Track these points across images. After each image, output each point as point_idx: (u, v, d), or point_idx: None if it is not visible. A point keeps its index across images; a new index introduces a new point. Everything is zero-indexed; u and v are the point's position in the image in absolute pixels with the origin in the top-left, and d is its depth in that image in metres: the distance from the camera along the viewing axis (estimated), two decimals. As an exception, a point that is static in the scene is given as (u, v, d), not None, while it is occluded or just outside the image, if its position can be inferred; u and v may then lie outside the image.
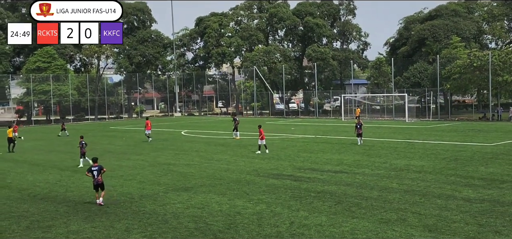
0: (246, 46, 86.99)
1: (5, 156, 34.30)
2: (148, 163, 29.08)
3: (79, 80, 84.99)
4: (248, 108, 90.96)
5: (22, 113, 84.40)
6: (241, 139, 40.70)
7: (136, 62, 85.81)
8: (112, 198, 19.43)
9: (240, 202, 18.40)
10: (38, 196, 20.35)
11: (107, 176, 24.73)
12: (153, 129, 57.45)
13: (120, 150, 36.50)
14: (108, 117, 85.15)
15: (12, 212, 17.74)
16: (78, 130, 60.39)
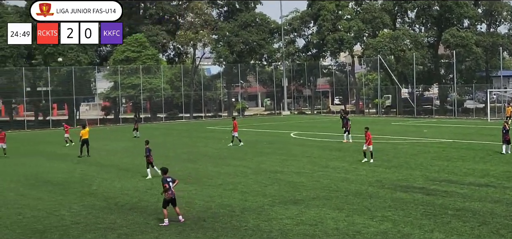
0: (369, 31, 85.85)
1: (90, 159, 36.30)
2: (252, 169, 29.52)
3: (172, 72, 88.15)
4: (370, 106, 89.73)
5: (108, 110, 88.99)
6: (353, 143, 40.20)
7: (237, 51, 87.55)
8: (209, 210, 19.93)
9: (361, 219, 18.18)
10: (126, 206, 21.35)
11: (204, 184, 25.43)
12: (258, 129, 58.34)
13: (219, 154, 37.39)
14: (204, 116, 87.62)
15: (98, 223, 18.75)
16: (170, 131, 62.68)
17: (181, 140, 49.71)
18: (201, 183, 25.88)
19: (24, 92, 75.53)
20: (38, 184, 27.09)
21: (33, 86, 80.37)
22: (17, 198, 23.38)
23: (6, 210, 21.02)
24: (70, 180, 27.75)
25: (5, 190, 25.49)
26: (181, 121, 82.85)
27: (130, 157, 37.11)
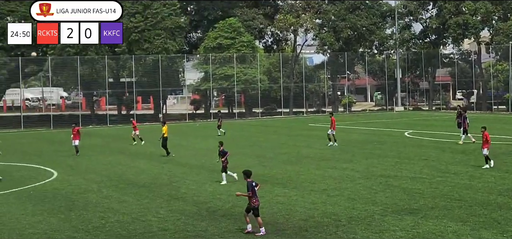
0: (499, 14, 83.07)
1: (179, 160, 37.14)
2: (360, 173, 29.32)
3: (270, 62, 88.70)
4: (500, 102, 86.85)
5: (198, 104, 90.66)
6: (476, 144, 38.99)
7: (344, 37, 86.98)
8: (312, 219, 19.96)
9: (488, 233, 17.69)
10: (219, 212, 21.70)
11: (306, 189, 25.47)
12: (367, 127, 57.77)
13: (322, 155, 37.34)
14: (306, 111, 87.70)
15: (187, 231, 19.17)
16: (267, 128, 63.12)
17: (280, 138, 50.00)
18: (302, 187, 25.95)
19: (107, 84, 78.17)
20: (123, 185, 28.01)
21: (116, 77, 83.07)
22: (100, 201, 24.27)
23: (87, 214, 21.86)
24: (157, 182, 28.53)
25: (87, 191, 26.52)
26: (279, 116, 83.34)
27: (222, 157, 37.69)
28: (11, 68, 76.49)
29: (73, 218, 21.22)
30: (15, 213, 22.13)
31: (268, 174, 29.85)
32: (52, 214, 21.94)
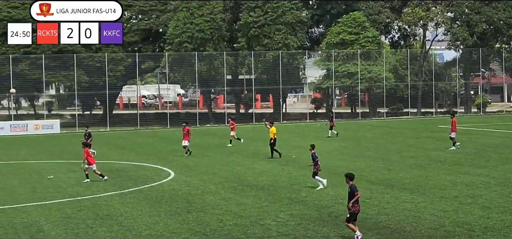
0: None
1: (298, 161, 37.28)
2: (495, 180, 28.47)
3: (396, 59, 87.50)
4: None
5: (319, 103, 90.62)
6: None
7: (478, 32, 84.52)
8: (442, 228, 19.57)
9: None
10: (341, 218, 21.58)
11: (435, 196, 24.99)
12: (504, 130, 55.95)
13: (454, 159, 36.51)
14: (435, 112, 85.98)
15: (308, 236, 19.22)
16: (393, 129, 62.34)
17: (407, 140, 49.28)
18: (431, 194, 25.48)
19: (225, 81, 79.42)
20: (241, 187, 28.41)
21: (235, 74, 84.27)
22: (218, 203, 24.73)
23: (205, 216, 22.32)
24: (276, 185, 28.78)
25: (205, 193, 27.09)
26: (406, 117, 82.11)
27: (346, 160, 37.54)
28: (128, 64, 79.18)
29: (191, 220, 21.72)
30: (132, 213, 22.90)
31: (394, 178, 29.51)
32: (169, 215, 22.55)
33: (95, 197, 26.69)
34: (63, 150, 49.54)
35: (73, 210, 23.69)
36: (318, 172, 27.84)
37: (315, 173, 27.79)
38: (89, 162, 30.88)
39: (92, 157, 31.66)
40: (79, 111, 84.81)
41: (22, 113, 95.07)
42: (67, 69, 76.86)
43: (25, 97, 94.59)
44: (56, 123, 73.12)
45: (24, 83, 76.59)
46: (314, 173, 27.82)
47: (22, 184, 30.87)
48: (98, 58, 77.43)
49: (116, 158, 42.45)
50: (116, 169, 35.92)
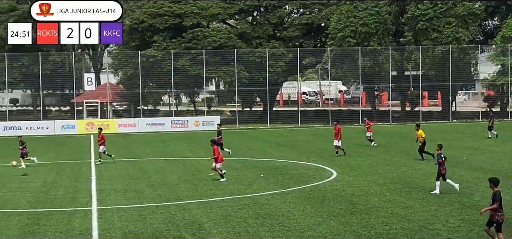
0: None
1: (473, 163, 36.24)
2: None
3: None
4: None
5: (493, 101, 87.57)
6: None
7: None
8: None
9: None
10: (519, 224, 20.84)
11: None
12: None
13: None
14: None
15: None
16: None
17: None
18: None
19: (390, 77, 78.57)
20: (407, 189, 28.00)
21: (400, 70, 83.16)
22: (383, 205, 24.48)
23: (369, 218, 22.14)
24: (446, 188, 28.07)
25: (369, 194, 26.89)
26: None
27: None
28: (288, 60, 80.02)
29: (354, 222, 21.63)
30: (294, 213, 23.10)
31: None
32: (332, 216, 22.57)
33: (256, 195, 27.16)
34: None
35: (233, 208, 24.22)
36: (445, 174, 26.94)
37: (443, 175, 26.91)
38: (217, 159, 31.37)
39: (221, 155, 32.06)
40: (239, 108, 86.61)
41: (182, 110, 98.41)
42: (227, 65, 78.71)
43: (186, 94, 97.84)
44: (216, 119, 75.03)
45: (184, 79, 79.27)
46: (442, 175, 26.92)
47: (183, 180, 31.90)
48: (258, 53, 78.76)
49: (277, 155, 43.00)
50: (277, 167, 36.40)
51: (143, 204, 25.79)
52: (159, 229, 21.02)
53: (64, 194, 28.69)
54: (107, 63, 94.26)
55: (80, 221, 22.50)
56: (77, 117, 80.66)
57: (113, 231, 20.80)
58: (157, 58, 79.00)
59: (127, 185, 30.84)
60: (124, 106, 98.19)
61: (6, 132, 69.87)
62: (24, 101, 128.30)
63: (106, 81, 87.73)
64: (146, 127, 71.93)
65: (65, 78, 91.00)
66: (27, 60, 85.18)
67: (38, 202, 26.77)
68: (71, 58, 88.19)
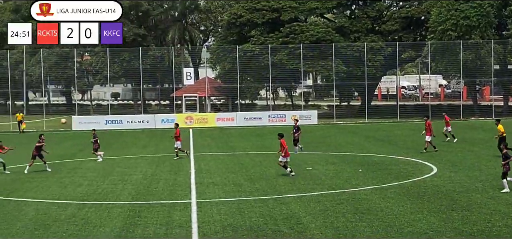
0: None
1: None
2: None
3: None
4: None
5: None
6: None
7: None
8: None
9: None
10: None
11: None
12: None
13: None
14: None
15: None
16: None
17: None
18: None
19: (492, 71, 76.77)
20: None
21: (503, 64, 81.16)
22: (486, 201, 23.91)
23: (471, 215, 21.67)
24: None
25: (471, 190, 26.31)
26: None
27: None
28: (387, 54, 79.20)
29: (455, 218, 21.21)
30: (393, 209, 22.82)
31: None
32: (432, 212, 22.19)
33: (354, 190, 27.00)
34: (320, 141, 50.65)
35: (332, 203, 24.13)
36: (507, 173, 25.97)
37: (505, 173, 25.94)
38: (285, 154, 31.22)
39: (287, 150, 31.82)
40: (336, 102, 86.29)
41: (280, 104, 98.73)
42: (325, 59, 78.52)
43: (283, 88, 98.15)
44: (313, 114, 75.07)
45: (282, 73, 79.56)
46: (504, 173, 25.98)
47: (281, 174, 31.97)
48: (356, 47, 78.28)
49: (375, 150, 42.64)
50: (375, 162, 36.12)
51: (241, 197, 26.00)
52: (257, 222, 21.14)
53: (164, 187, 29.21)
54: (206, 58, 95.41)
55: (179, 213, 22.86)
56: (176, 111, 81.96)
57: (212, 224, 21.03)
58: (254, 52, 79.49)
59: (226, 179, 31.15)
60: (222, 101, 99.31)
61: (108, 125, 71.71)
62: (125, 95, 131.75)
63: (205, 75, 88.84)
64: (244, 121, 72.45)
65: (164, 73, 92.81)
66: (128, 55, 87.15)
67: (139, 195, 27.34)
68: (171, 53, 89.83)
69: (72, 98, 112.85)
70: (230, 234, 19.63)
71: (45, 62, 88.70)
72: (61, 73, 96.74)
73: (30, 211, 23.89)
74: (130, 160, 40.00)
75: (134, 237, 19.57)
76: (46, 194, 27.85)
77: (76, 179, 32.18)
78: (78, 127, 71.46)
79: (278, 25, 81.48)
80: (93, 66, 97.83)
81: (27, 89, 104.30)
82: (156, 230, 20.33)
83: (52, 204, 25.46)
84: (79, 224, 21.49)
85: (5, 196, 27.57)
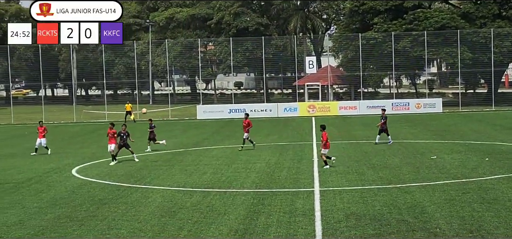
0: None
1: None
2: None
3: None
4: None
5: None
6: None
7: None
8: None
9: None
10: None
11: None
12: None
13: None
14: None
15: None
16: None
17: None
18: None
19: None
20: None
21: None
22: None
23: None
24: None
25: None
26: None
27: None
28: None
29: None
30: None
31: None
32: None
33: (481, 179, 26.33)
34: (445, 129, 49.70)
35: (457, 192, 23.61)
36: None
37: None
38: (325, 146, 30.74)
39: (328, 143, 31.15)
40: (461, 90, 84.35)
41: (403, 92, 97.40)
42: (449, 46, 76.88)
43: (406, 76, 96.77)
44: (438, 102, 73.69)
45: (405, 61, 78.46)
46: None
47: (405, 163, 31.57)
48: (482, 33, 76.22)
49: (502, 139, 41.43)
50: (502, 151, 35.12)
51: (364, 186, 25.83)
52: (381, 211, 20.95)
53: (287, 175, 29.37)
54: (328, 47, 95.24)
55: (303, 201, 22.93)
56: (298, 100, 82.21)
57: (335, 212, 21.00)
58: (377, 40, 78.73)
59: (348, 167, 31.01)
60: (344, 89, 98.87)
61: (231, 114, 72.72)
62: (248, 84, 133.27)
63: (327, 64, 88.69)
64: (366, 110, 71.86)
65: (287, 62, 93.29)
66: (251, 44, 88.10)
67: (262, 183, 27.59)
68: (293, 42, 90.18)
69: (196, 87, 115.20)
70: (354, 222, 19.53)
71: (170, 53, 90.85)
72: (186, 63, 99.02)
73: (156, 198, 24.55)
74: (248, 149, 40.44)
75: (258, 225, 19.77)
76: (172, 182, 28.52)
77: (200, 167, 32.80)
78: (202, 116, 72.83)
79: (401, 12, 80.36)
80: (216, 55, 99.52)
81: (153, 79, 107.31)
82: (280, 218, 20.47)
83: (178, 191, 26.07)
84: (204, 211, 21.90)
85: (132, 183, 28.43)
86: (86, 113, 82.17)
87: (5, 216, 22.09)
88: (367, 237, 17.90)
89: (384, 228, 18.76)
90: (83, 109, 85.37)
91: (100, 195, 25.69)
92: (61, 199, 24.94)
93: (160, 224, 20.27)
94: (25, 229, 20.00)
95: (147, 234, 18.94)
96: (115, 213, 21.96)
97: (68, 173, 32.25)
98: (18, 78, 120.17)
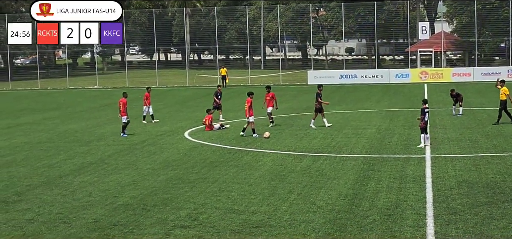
0: None
1: None
2: None
3: None
4: None
5: None
6: None
7: None
8: None
9: None
10: None
11: None
12: None
13: None
14: None
15: None
16: None
17: None
18: None
19: None
20: None
21: None
22: None
23: None
24: None
25: None
26: None
27: None
28: None
29: None
30: None
31: None
32: None
33: None
34: None
35: None
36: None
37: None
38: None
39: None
40: None
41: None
42: None
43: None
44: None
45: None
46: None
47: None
48: None
49: None
50: None
51: (477, 153, 25.31)
52: (494, 179, 20.49)
53: (398, 141, 29.09)
54: (442, 12, 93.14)
55: (413, 168, 22.68)
56: (410, 66, 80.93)
57: (447, 179, 20.67)
58: (494, 5, 76.47)
59: (461, 134, 30.43)
60: (458, 55, 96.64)
61: (342, 80, 72.46)
62: (359, 50, 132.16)
63: (441, 30, 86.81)
64: (481, 76, 70.06)
65: (399, 28, 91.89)
66: (363, 10, 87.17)
67: (372, 148, 27.43)
68: (406, 7, 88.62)
69: (307, 53, 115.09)
70: (465, 190, 19.18)
71: (282, 18, 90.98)
72: (297, 29, 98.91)
73: (267, 162, 24.80)
74: (363, 114, 40.16)
75: (368, 190, 19.67)
76: (282, 146, 28.72)
77: (310, 132, 32.86)
78: (313, 81, 72.65)
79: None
80: (328, 21, 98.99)
81: (264, 44, 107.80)
82: (390, 184, 20.32)
83: (288, 155, 26.25)
84: (313, 175, 21.98)
85: (243, 147, 28.79)
86: (198, 78, 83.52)
87: (120, 176, 22.83)
88: (480, 205, 17.54)
89: (498, 197, 18.34)
90: (196, 74, 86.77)
91: (211, 157, 26.18)
92: (173, 161, 25.57)
93: (270, 187, 20.48)
94: (138, 190, 20.59)
95: (257, 197, 19.17)
96: (225, 175, 22.33)
97: (180, 136, 32.99)
98: (132, 43, 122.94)
